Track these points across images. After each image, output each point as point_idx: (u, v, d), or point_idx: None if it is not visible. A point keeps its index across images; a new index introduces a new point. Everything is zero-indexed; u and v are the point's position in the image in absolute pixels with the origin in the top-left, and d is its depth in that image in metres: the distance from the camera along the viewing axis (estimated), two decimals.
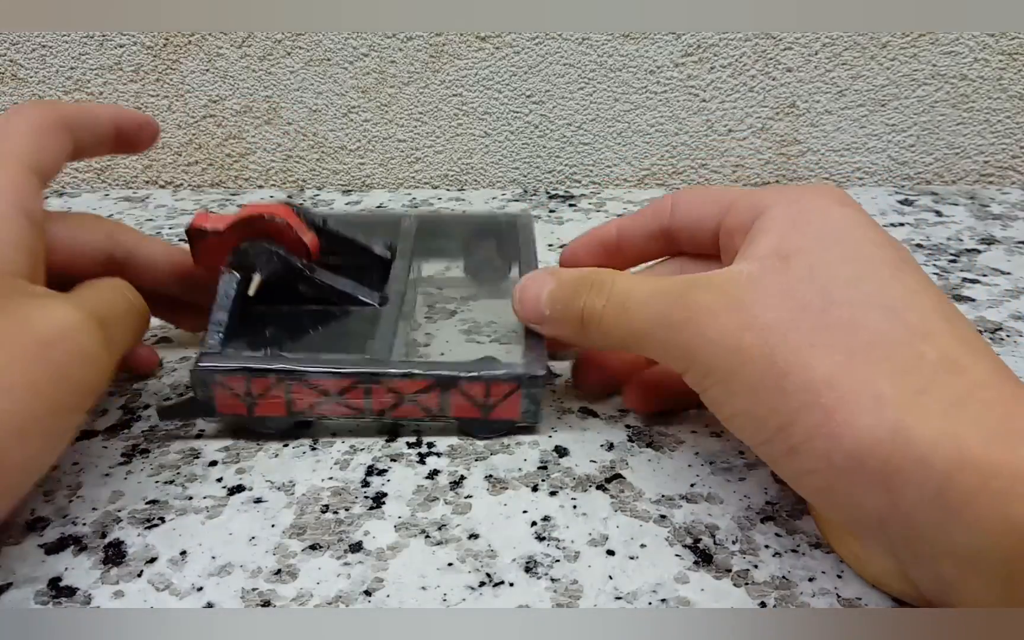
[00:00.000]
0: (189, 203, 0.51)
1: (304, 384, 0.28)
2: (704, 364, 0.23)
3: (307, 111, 0.51)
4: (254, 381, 0.28)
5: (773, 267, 0.23)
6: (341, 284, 0.31)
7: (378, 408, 0.28)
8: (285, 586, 0.23)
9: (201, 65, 0.50)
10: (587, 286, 0.26)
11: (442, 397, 0.28)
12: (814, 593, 0.23)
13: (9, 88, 0.51)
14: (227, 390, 0.28)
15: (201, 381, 0.28)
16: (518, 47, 0.50)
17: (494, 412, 0.28)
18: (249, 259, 0.30)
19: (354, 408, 0.28)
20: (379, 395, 0.28)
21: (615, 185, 0.53)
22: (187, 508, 0.26)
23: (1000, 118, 0.50)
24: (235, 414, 0.28)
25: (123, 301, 0.27)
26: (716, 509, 0.26)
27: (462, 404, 0.28)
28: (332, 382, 0.28)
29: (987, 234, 0.45)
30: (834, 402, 0.20)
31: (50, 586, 0.23)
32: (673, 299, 0.24)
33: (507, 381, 0.28)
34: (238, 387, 0.28)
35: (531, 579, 0.23)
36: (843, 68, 0.49)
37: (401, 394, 0.28)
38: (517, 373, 0.28)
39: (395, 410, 0.28)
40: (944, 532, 0.19)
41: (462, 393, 0.28)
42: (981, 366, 0.20)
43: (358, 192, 0.53)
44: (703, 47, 0.49)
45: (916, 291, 0.22)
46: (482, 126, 0.52)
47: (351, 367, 0.27)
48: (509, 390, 0.28)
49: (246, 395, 0.28)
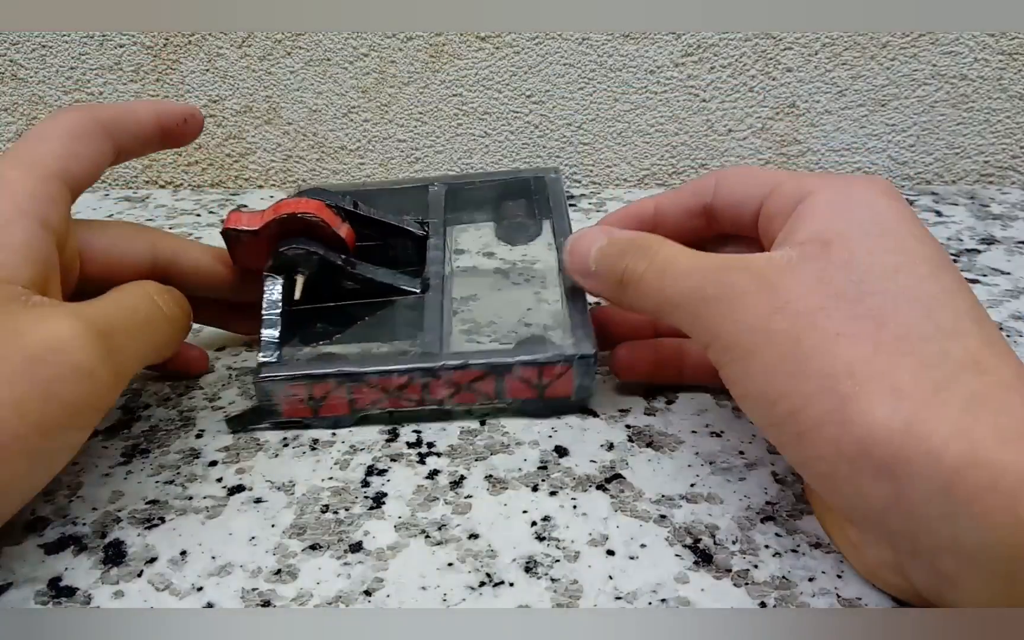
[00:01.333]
0: (189, 203, 0.51)
1: (364, 384, 0.28)
2: (728, 340, 0.23)
3: (307, 111, 0.51)
4: (315, 386, 0.28)
5: (813, 253, 0.23)
6: (382, 275, 0.31)
7: (436, 399, 0.29)
8: (285, 586, 0.23)
9: (201, 65, 0.50)
10: (634, 249, 0.26)
11: (497, 383, 0.29)
12: (814, 593, 0.23)
13: (9, 88, 0.51)
14: (291, 396, 0.28)
15: (264, 392, 0.28)
16: (518, 47, 0.50)
17: (548, 391, 0.29)
18: (289, 261, 0.30)
19: (414, 401, 0.29)
20: (437, 388, 0.29)
21: (615, 185, 0.53)
22: (187, 508, 0.26)
23: (1000, 118, 0.50)
24: (299, 417, 0.29)
25: (147, 307, 0.26)
26: (716, 509, 0.26)
27: (517, 386, 0.29)
28: (392, 380, 0.28)
29: (987, 234, 0.45)
30: (851, 390, 0.20)
31: (50, 586, 0.23)
32: (710, 275, 0.24)
33: (559, 362, 0.29)
34: (301, 393, 0.28)
35: (531, 579, 0.23)
36: (843, 68, 0.49)
37: (458, 384, 0.29)
38: (568, 354, 0.29)
39: (454, 398, 0.29)
40: (948, 525, 0.19)
41: (517, 377, 0.29)
42: (1005, 369, 0.20)
43: None
44: (703, 47, 0.49)
45: (952, 291, 0.22)
46: (482, 126, 0.52)
47: (408, 363, 0.28)
48: (562, 370, 0.29)
49: (309, 400, 0.29)
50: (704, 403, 0.31)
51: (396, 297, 0.31)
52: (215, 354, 0.34)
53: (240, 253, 0.31)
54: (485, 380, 0.29)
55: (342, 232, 0.31)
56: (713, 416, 0.30)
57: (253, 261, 0.31)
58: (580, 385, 0.29)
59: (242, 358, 0.34)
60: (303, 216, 0.30)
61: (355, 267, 0.31)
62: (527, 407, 0.30)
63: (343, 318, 0.31)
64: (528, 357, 0.29)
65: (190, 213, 0.49)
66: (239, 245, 0.31)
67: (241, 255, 0.31)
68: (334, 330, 0.30)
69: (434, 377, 0.29)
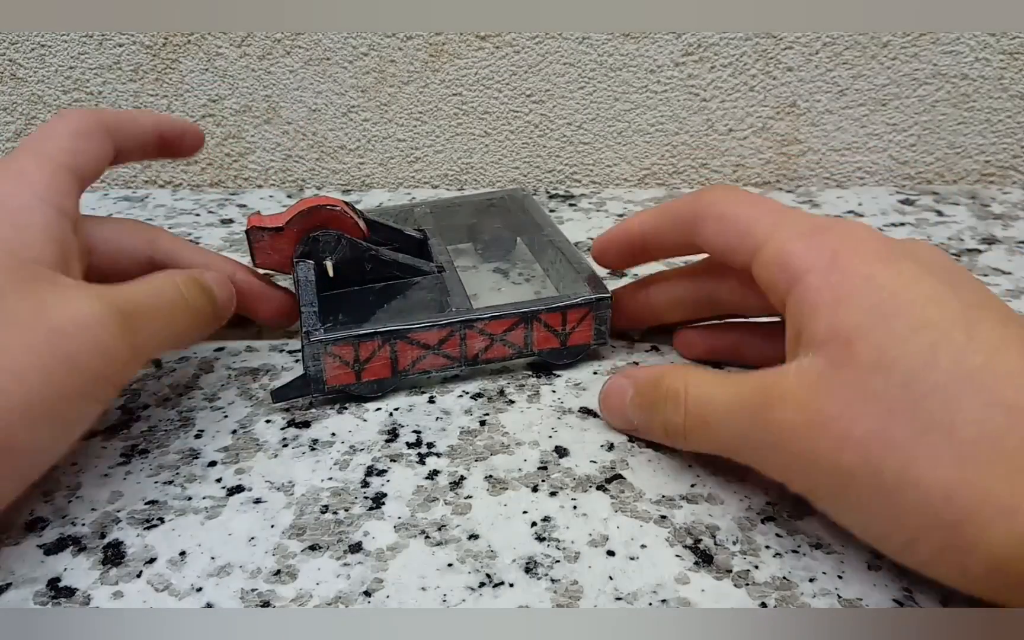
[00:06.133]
0: (188, 202, 0.51)
1: (407, 341, 0.30)
2: (806, 485, 0.23)
3: (306, 111, 0.51)
4: (362, 346, 0.30)
5: (840, 358, 0.22)
6: (403, 258, 0.34)
7: (472, 353, 0.31)
8: (284, 587, 0.23)
9: (200, 64, 0.50)
10: (662, 400, 0.26)
11: (526, 332, 0.31)
12: (815, 594, 0.23)
13: (8, 87, 0.51)
14: (336, 360, 0.30)
15: (313, 355, 0.29)
16: (518, 46, 0.50)
17: (571, 338, 0.32)
18: (319, 246, 0.32)
19: (451, 357, 0.31)
20: (473, 340, 0.31)
21: (615, 185, 0.53)
22: (186, 508, 0.26)
23: (1001, 118, 0.50)
24: (343, 385, 0.30)
25: (171, 294, 0.27)
26: (716, 510, 0.26)
27: (543, 335, 0.32)
28: (433, 334, 0.30)
29: (988, 234, 0.45)
30: (957, 517, 0.19)
31: (49, 586, 0.23)
32: (752, 417, 0.23)
33: (582, 306, 0.32)
34: (347, 355, 0.30)
35: (531, 580, 0.23)
36: (844, 67, 0.49)
37: (492, 336, 0.31)
38: (589, 298, 0.32)
39: (487, 352, 0.31)
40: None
41: (543, 324, 0.31)
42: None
43: (358, 192, 0.53)
44: (703, 46, 0.49)
45: (997, 347, 0.20)
46: (482, 125, 0.52)
47: (448, 317, 0.30)
48: (583, 315, 0.32)
49: (354, 362, 0.30)
50: None
51: (414, 278, 0.34)
52: (214, 354, 0.34)
53: (263, 251, 0.33)
54: (515, 330, 0.31)
55: (361, 224, 0.33)
56: None
57: (275, 259, 0.33)
58: (598, 329, 0.32)
59: (241, 358, 0.34)
60: (331, 208, 0.32)
61: (378, 251, 0.33)
62: (551, 356, 0.32)
63: (369, 302, 0.33)
64: (555, 303, 0.31)
65: (189, 213, 0.49)
66: (262, 243, 0.32)
67: (263, 253, 0.33)
68: (363, 312, 0.32)
69: (470, 328, 0.31)
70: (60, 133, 0.28)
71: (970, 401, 0.20)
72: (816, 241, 0.24)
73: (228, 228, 0.47)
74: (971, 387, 0.20)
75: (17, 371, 0.22)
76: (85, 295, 0.24)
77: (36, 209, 0.25)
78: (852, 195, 0.51)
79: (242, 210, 0.50)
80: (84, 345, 0.23)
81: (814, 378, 0.22)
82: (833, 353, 0.22)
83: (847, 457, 0.21)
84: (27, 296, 0.23)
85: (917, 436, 0.20)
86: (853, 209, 0.49)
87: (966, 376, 0.20)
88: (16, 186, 0.25)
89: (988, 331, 0.21)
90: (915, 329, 0.21)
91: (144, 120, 0.31)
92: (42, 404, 0.22)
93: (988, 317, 0.21)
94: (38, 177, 0.26)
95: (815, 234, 0.24)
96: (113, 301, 0.24)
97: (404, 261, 0.34)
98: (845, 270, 0.23)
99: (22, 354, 0.22)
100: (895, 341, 0.21)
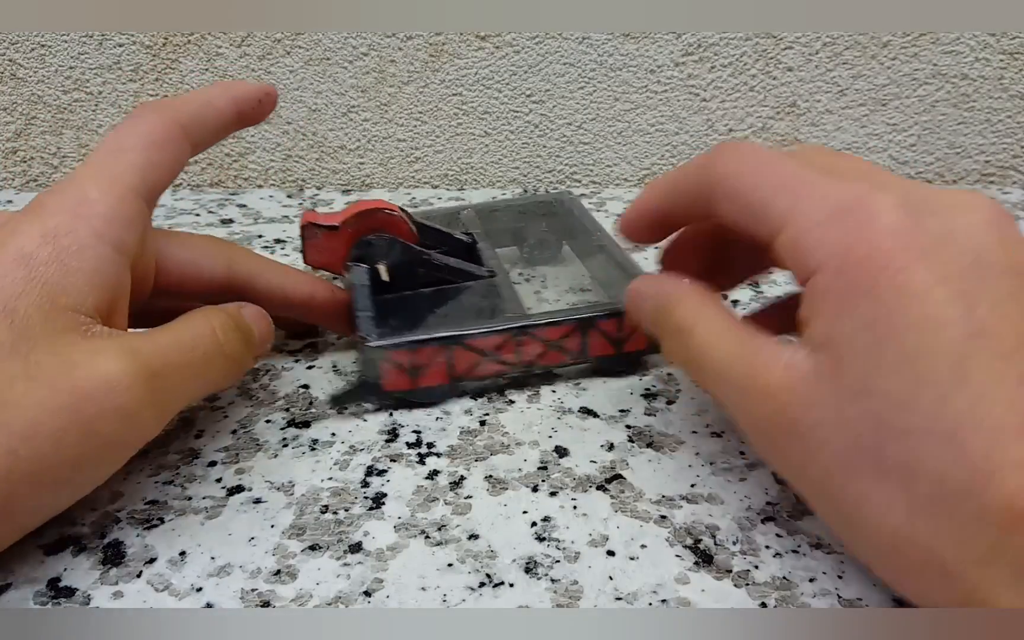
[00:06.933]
0: (188, 202, 0.51)
1: (464, 347, 0.30)
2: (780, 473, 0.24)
3: (306, 110, 0.51)
4: (419, 351, 0.29)
5: (826, 370, 0.21)
6: (455, 262, 0.33)
7: (527, 359, 0.31)
8: (284, 587, 0.23)
9: (200, 64, 0.50)
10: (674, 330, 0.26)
11: (583, 338, 0.31)
12: (815, 594, 0.23)
13: (8, 87, 0.51)
14: (394, 365, 0.29)
15: (371, 361, 0.29)
16: (518, 46, 0.50)
17: (626, 345, 0.32)
18: (373, 250, 0.32)
19: (506, 363, 0.31)
20: (528, 346, 0.31)
21: (615, 185, 0.53)
22: (186, 508, 0.26)
23: (1001, 118, 0.50)
24: (399, 390, 0.30)
25: (206, 345, 0.26)
26: (717, 510, 0.26)
27: (599, 342, 0.31)
28: (490, 340, 0.30)
29: None
30: (902, 569, 0.20)
31: (49, 586, 0.23)
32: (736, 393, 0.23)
33: None
34: (404, 361, 0.29)
35: (531, 580, 0.23)
36: (844, 67, 0.49)
37: (548, 342, 0.31)
38: None
39: (542, 358, 0.31)
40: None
41: (599, 331, 0.31)
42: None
43: (358, 192, 0.53)
44: (703, 46, 0.49)
45: (984, 394, 0.18)
46: (482, 125, 0.52)
47: (504, 323, 0.30)
48: None
49: (411, 368, 0.30)
50: (704, 403, 0.31)
51: (466, 283, 0.33)
52: None
53: (315, 249, 0.32)
54: (571, 337, 0.31)
55: (413, 229, 0.33)
56: (713, 416, 0.30)
57: (326, 257, 0.32)
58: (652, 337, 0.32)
59: None
60: (388, 212, 0.32)
61: (431, 256, 0.33)
62: (604, 364, 0.32)
63: (422, 307, 0.33)
64: (612, 309, 0.31)
65: (189, 213, 0.49)
66: (316, 241, 0.32)
67: (315, 251, 0.32)
68: (416, 317, 0.32)
69: (527, 334, 0.30)
70: (131, 146, 0.26)
71: (937, 455, 0.19)
72: (830, 233, 0.21)
73: (228, 228, 0.47)
74: (943, 439, 0.19)
75: (28, 433, 0.21)
76: (116, 352, 0.23)
77: (90, 250, 0.23)
78: None
79: (242, 210, 0.50)
80: (106, 410, 0.22)
81: (798, 380, 0.21)
82: (823, 362, 0.21)
83: (812, 473, 0.21)
84: (57, 350, 0.22)
85: (877, 477, 0.20)
86: None
87: (941, 424, 0.19)
88: (74, 220, 0.24)
89: (982, 369, 0.19)
90: (905, 360, 0.19)
91: (219, 101, 0.29)
92: (51, 470, 0.21)
93: (988, 348, 0.19)
94: (101, 207, 0.24)
95: (832, 222, 0.22)
96: (146, 361, 0.23)
97: (456, 265, 0.33)
98: (851, 276, 0.21)
99: (37, 413, 0.21)
100: (882, 371, 0.20)
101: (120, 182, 0.25)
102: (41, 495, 0.22)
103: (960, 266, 0.20)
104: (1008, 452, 0.18)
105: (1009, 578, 0.18)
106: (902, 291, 0.20)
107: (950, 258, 0.20)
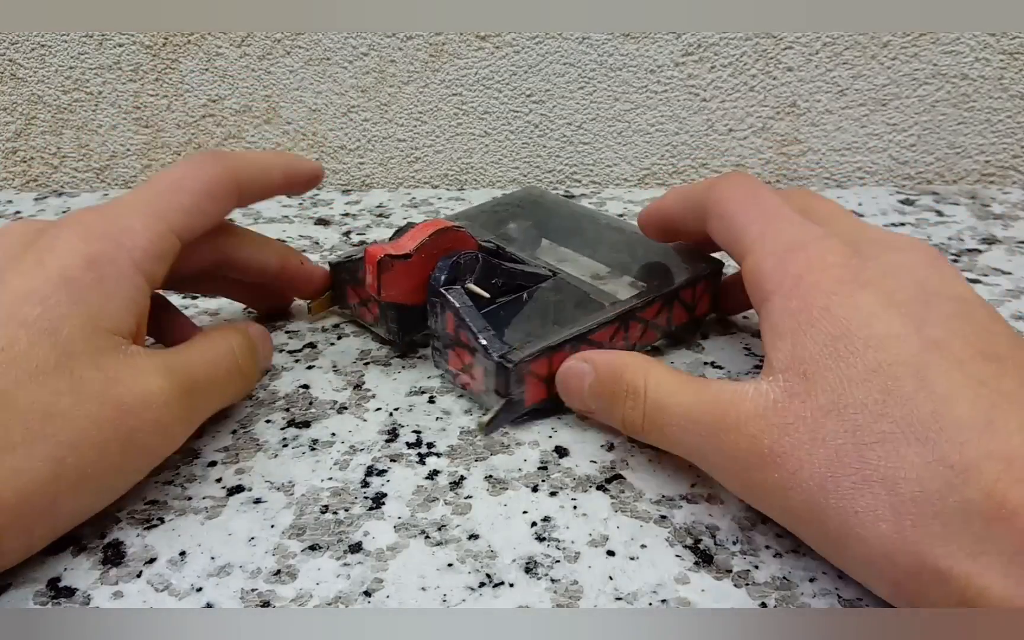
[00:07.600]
0: None
1: (588, 343, 0.30)
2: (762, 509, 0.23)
3: (306, 111, 0.51)
4: (554, 357, 0.29)
5: (795, 389, 0.22)
6: (528, 268, 0.34)
7: (632, 342, 0.32)
8: (284, 587, 0.23)
9: (200, 64, 0.50)
10: (622, 395, 0.26)
11: (668, 311, 0.33)
12: (815, 594, 0.23)
13: (8, 87, 0.51)
14: (534, 377, 0.29)
15: (517, 377, 0.28)
16: (518, 46, 0.50)
17: (697, 310, 0.34)
18: (461, 270, 0.31)
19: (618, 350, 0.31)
20: (633, 329, 0.32)
21: (615, 185, 0.53)
22: (186, 508, 0.26)
23: (1001, 118, 0.50)
24: (539, 401, 0.30)
25: (227, 364, 0.28)
26: (716, 509, 0.26)
27: (679, 312, 0.33)
28: (605, 332, 0.31)
29: (988, 234, 0.45)
30: (897, 578, 0.20)
31: (49, 586, 0.23)
32: (706, 436, 0.23)
33: (706, 278, 0.34)
34: (541, 370, 0.29)
35: (531, 580, 0.23)
36: (844, 67, 0.49)
37: (647, 322, 0.32)
38: (708, 271, 0.34)
39: (642, 338, 0.32)
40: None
41: (680, 301, 0.33)
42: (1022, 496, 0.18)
43: (357, 192, 0.53)
44: (703, 46, 0.49)
45: (946, 397, 0.20)
46: (482, 125, 0.52)
47: (611, 312, 0.31)
48: (706, 286, 0.34)
49: (547, 376, 0.29)
50: None
51: (538, 285, 0.33)
52: None
53: (391, 282, 0.31)
54: (662, 312, 0.32)
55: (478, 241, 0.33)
56: None
57: (401, 286, 0.31)
58: (714, 297, 0.34)
59: None
60: (453, 230, 0.32)
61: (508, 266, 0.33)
62: (685, 330, 0.34)
63: (510, 316, 0.32)
64: (691, 276, 0.33)
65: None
66: (391, 273, 0.31)
67: (392, 283, 0.31)
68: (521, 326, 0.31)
69: (633, 318, 0.31)
70: (189, 189, 0.28)
71: (913, 457, 0.19)
72: (785, 262, 0.24)
73: None
74: (916, 442, 0.19)
75: (75, 442, 0.22)
76: (154, 371, 0.24)
77: (127, 280, 0.25)
78: (852, 195, 0.51)
79: (242, 210, 0.50)
80: (146, 424, 0.24)
81: (769, 407, 0.22)
82: (791, 383, 0.22)
83: (794, 497, 0.21)
84: (101, 367, 0.23)
85: (860, 487, 0.20)
86: (853, 209, 0.49)
87: (913, 429, 0.20)
88: (117, 249, 0.25)
89: (941, 376, 0.20)
90: (870, 372, 0.21)
91: (274, 170, 0.31)
92: (94, 477, 0.23)
93: (944, 358, 0.20)
94: (142, 240, 0.26)
95: (787, 253, 0.24)
96: (181, 379, 0.25)
97: (530, 270, 0.33)
98: (804, 297, 0.23)
99: (84, 425, 0.22)
100: (850, 384, 0.21)
101: (164, 220, 0.27)
102: (82, 500, 0.23)
103: (906, 294, 0.22)
104: (979, 446, 0.19)
105: (1000, 566, 0.18)
106: (856, 310, 0.22)
107: (895, 288, 0.22)
